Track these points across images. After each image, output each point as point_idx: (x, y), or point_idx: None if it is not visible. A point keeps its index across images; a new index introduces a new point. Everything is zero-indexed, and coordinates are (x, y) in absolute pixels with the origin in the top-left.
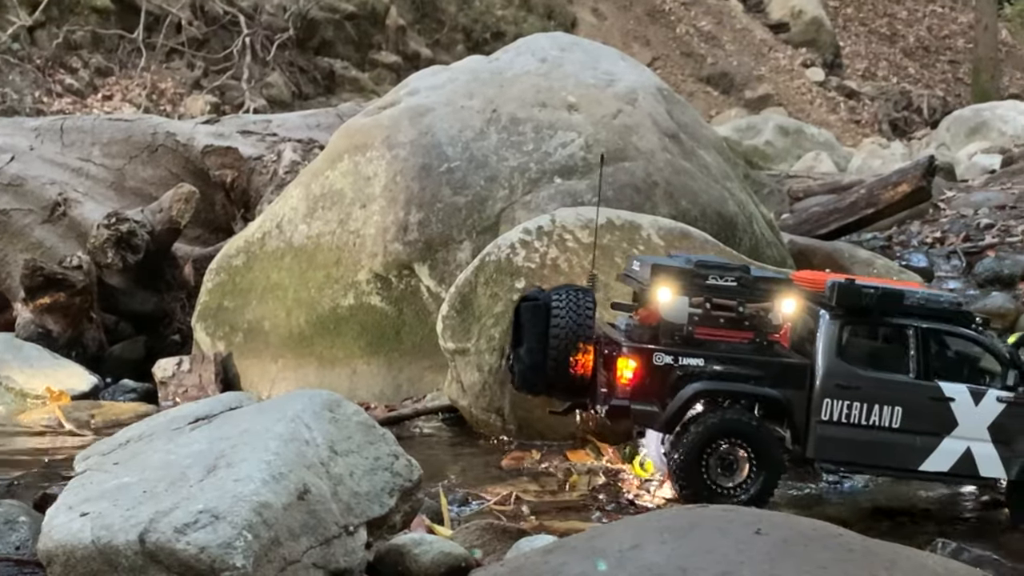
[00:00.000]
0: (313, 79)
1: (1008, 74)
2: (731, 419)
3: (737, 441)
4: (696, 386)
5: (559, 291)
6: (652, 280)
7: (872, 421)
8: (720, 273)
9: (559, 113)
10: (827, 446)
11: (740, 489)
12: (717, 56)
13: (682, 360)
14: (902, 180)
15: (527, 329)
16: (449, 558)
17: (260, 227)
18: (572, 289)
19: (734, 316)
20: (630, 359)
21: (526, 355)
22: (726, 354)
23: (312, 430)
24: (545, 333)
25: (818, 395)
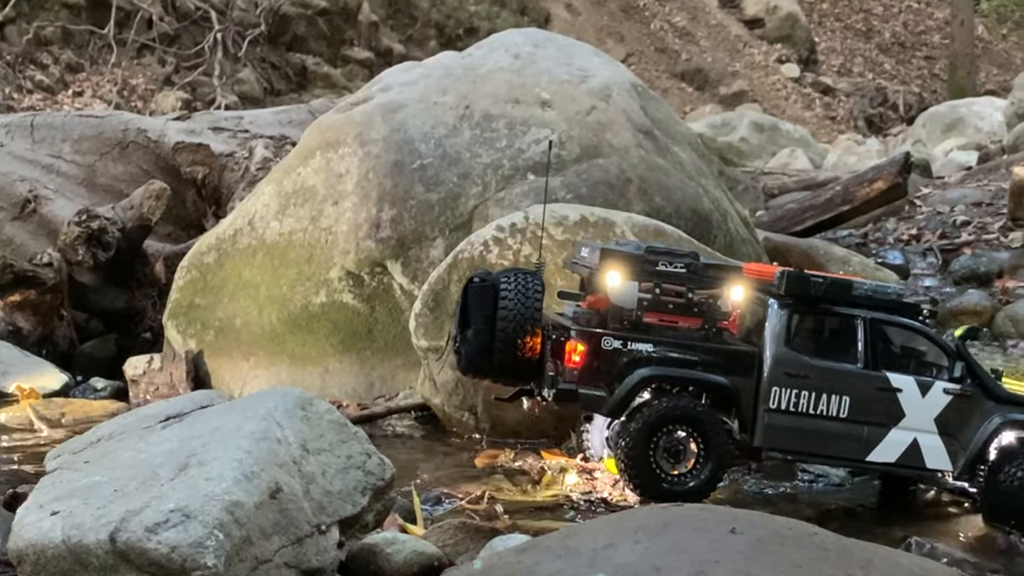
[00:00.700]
0: (285, 75)
1: (984, 70)
2: (679, 406)
3: (685, 428)
4: (644, 371)
5: (507, 274)
6: (601, 265)
7: (820, 410)
8: (669, 259)
9: (532, 109)
10: (775, 435)
11: (687, 477)
12: (692, 52)
13: (631, 345)
14: (878, 177)
15: (474, 311)
16: (422, 557)
17: (232, 224)
18: (520, 272)
19: (683, 302)
20: (578, 343)
21: (473, 336)
22: (675, 340)
23: (284, 428)
24: (493, 315)
25: (766, 383)
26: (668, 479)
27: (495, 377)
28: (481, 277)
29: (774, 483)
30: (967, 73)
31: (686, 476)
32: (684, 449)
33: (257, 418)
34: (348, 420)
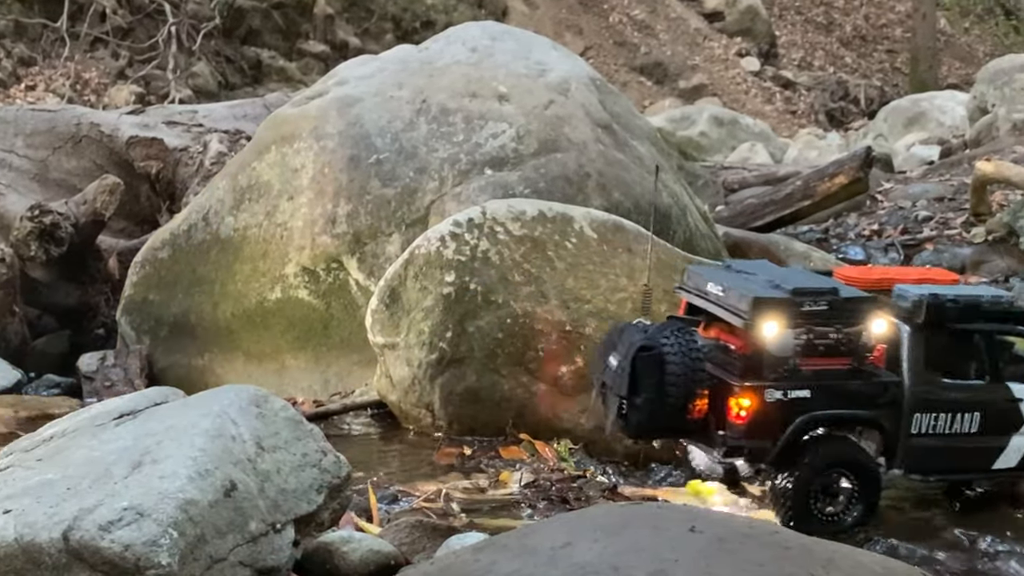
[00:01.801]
0: (240, 69)
1: (946, 64)
2: (841, 448)
3: (841, 471)
4: (804, 419)
5: (666, 334)
6: (755, 315)
7: (955, 429)
8: (813, 298)
9: (490, 103)
10: (915, 459)
11: (844, 515)
12: (651, 45)
13: (790, 394)
14: (839, 171)
15: (643, 379)
16: (378, 556)
17: (186, 219)
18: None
19: (831, 343)
20: (742, 398)
21: (644, 404)
22: (829, 383)
23: (239, 426)
24: (661, 381)
25: (908, 411)
26: (824, 518)
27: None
28: (649, 346)
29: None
30: (929, 67)
31: (842, 515)
32: (839, 488)
33: (211, 415)
34: (303, 417)
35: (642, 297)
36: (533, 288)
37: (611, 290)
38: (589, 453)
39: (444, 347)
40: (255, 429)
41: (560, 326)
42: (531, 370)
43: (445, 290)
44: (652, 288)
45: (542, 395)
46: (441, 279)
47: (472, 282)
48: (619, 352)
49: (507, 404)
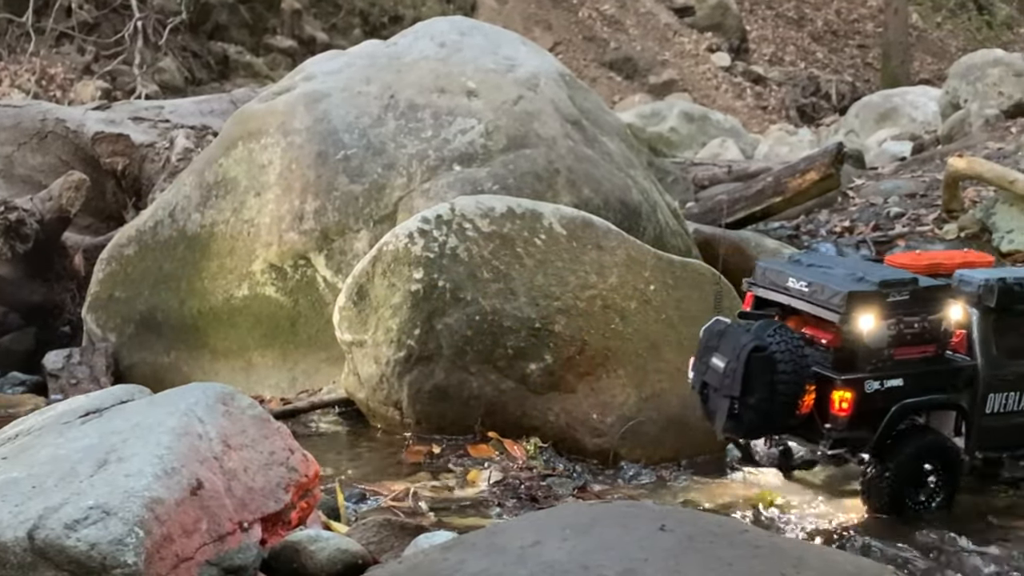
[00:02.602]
0: (206, 64)
1: (919, 59)
2: (930, 435)
3: (931, 460)
4: (898, 407)
5: (770, 333)
6: (851, 309)
7: (1022, 406)
8: (898, 289)
9: (458, 99)
10: (988, 438)
11: (930, 501)
12: (620, 41)
13: (887, 383)
14: (810, 168)
15: (757, 380)
16: (346, 555)
17: (152, 216)
18: (778, 329)
19: (918, 331)
20: (844, 391)
21: (757, 403)
22: (919, 370)
23: (205, 424)
24: (772, 381)
25: (982, 392)
26: (914, 505)
27: (772, 434)
28: (759, 347)
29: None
30: (901, 62)
31: (929, 500)
32: (927, 474)
33: (178, 413)
34: (271, 415)
35: (714, 297)
36: (502, 285)
37: (580, 287)
38: (558, 451)
39: (412, 344)
40: (222, 427)
41: (529, 323)
42: (500, 368)
43: (413, 287)
44: (722, 288)
45: (511, 393)
46: (409, 276)
47: (440, 279)
48: (724, 353)
49: (476, 402)
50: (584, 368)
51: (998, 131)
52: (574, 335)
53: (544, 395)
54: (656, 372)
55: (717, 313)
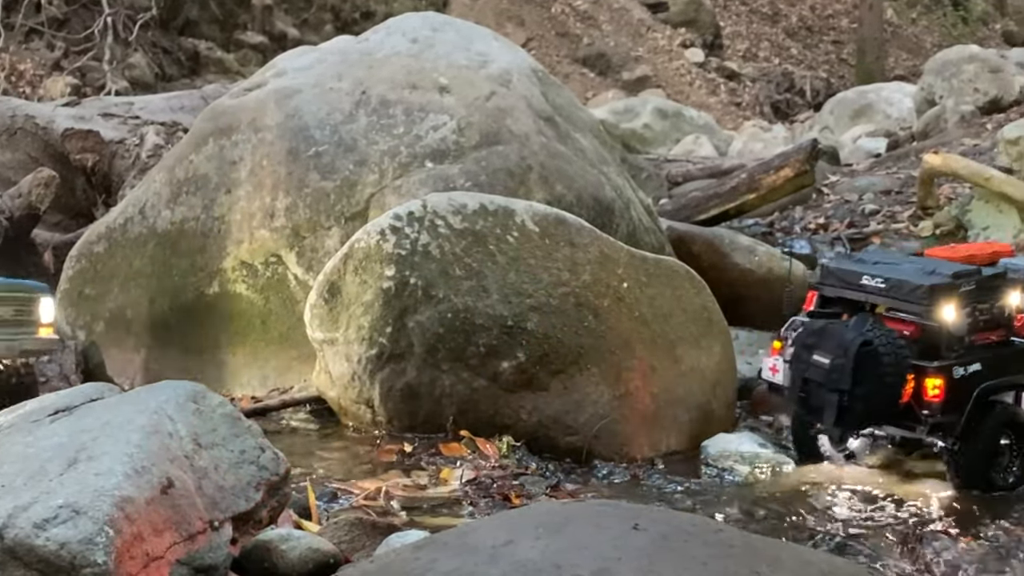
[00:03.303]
0: (177, 60)
1: (893, 55)
2: (1012, 413)
3: (1009, 435)
4: (981, 389)
5: (868, 328)
6: (934, 302)
7: None
8: (967, 280)
9: (430, 95)
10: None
11: (1007, 474)
12: (593, 36)
13: (969, 368)
14: (784, 164)
15: (867, 371)
16: (317, 554)
17: (122, 213)
18: (874, 324)
19: (989, 318)
20: (935, 378)
21: (869, 396)
22: (993, 354)
23: (175, 422)
24: (880, 375)
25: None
26: (997, 481)
27: (877, 425)
28: (866, 342)
29: (678, 479)
30: (876, 58)
31: (1007, 473)
32: (1005, 450)
33: (148, 411)
34: (241, 413)
35: (785, 296)
36: (474, 283)
37: (553, 284)
38: (531, 450)
39: (384, 342)
40: (192, 425)
41: (501, 321)
42: (472, 366)
43: (385, 284)
44: (795, 289)
45: (483, 391)
46: (381, 273)
47: (412, 276)
48: (828, 350)
49: (448, 400)
50: (557, 366)
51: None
52: (547, 333)
53: (516, 393)
54: (629, 370)
55: (793, 313)
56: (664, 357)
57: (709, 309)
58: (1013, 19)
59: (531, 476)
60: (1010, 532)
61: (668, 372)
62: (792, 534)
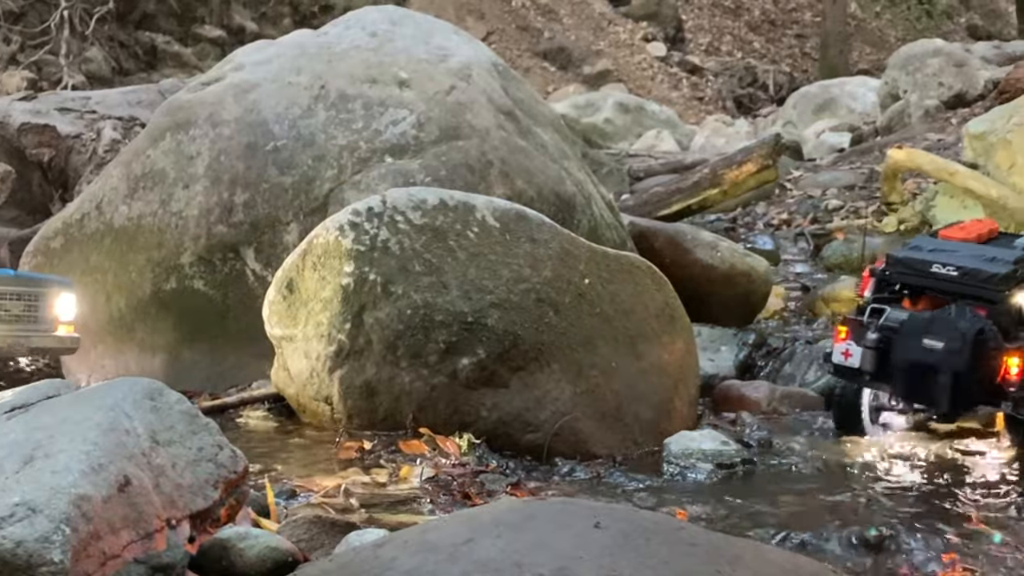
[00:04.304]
0: (134, 54)
1: (857, 49)
2: None
3: None
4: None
5: (968, 315)
6: (1007, 287)
7: None
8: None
9: (390, 89)
10: None
11: None
12: (554, 30)
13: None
14: (747, 159)
15: (981, 358)
16: (276, 553)
17: (79, 208)
18: (970, 310)
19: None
20: (1016, 357)
21: (982, 379)
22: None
23: (133, 419)
24: (990, 358)
25: None
26: None
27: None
28: (981, 329)
29: (640, 477)
30: (839, 52)
31: None
32: None
33: (105, 408)
34: (199, 411)
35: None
36: (434, 278)
37: (514, 280)
38: (492, 447)
39: (343, 339)
40: (149, 423)
41: (461, 317)
42: (431, 363)
43: (344, 281)
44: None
45: (443, 388)
46: (340, 269)
47: (371, 272)
48: (940, 335)
49: (407, 397)
50: (517, 363)
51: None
52: (507, 329)
53: (477, 390)
54: (591, 367)
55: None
56: (626, 354)
57: (671, 305)
58: (978, 13)
59: (492, 474)
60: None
61: (630, 369)
62: (755, 532)
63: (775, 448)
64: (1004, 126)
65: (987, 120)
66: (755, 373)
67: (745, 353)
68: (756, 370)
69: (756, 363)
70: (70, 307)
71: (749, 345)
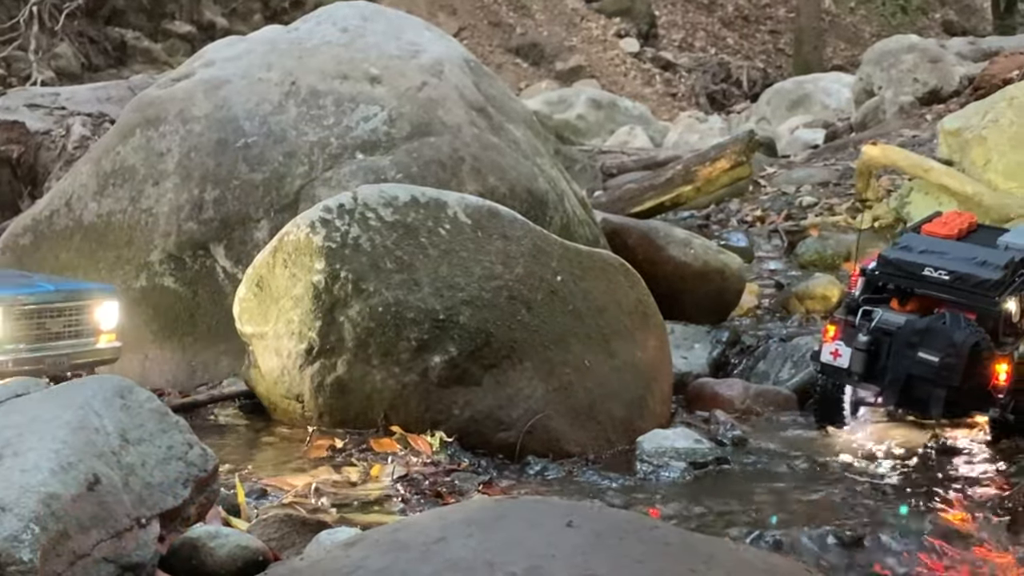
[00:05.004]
0: (104, 50)
1: (831, 44)
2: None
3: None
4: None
5: (963, 325)
6: (998, 293)
7: None
8: (1013, 269)
9: (361, 85)
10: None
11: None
12: (527, 26)
13: (1022, 348)
14: (720, 156)
15: (974, 368)
16: (246, 552)
17: (48, 205)
18: (964, 318)
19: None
20: (1003, 363)
21: (974, 389)
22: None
23: (102, 417)
24: (982, 367)
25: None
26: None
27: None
28: (977, 343)
29: (612, 475)
30: (813, 48)
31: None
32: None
33: (74, 407)
34: (169, 409)
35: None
36: (405, 276)
37: (486, 278)
38: (464, 446)
39: (313, 337)
40: (119, 421)
41: (433, 315)
42: (403, 360)
43: (315, 278)
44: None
45: (414, 386)
46: (311, 267)
47: (343, 270)
48: (936, 349)
49: (379, 395)
50: (489, 361)
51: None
52: (479, 327)
53: (448, 388)
54: (563, 364)
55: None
56: (599, 351)
57: (644, 303)
58: (953, 8)
59: (464, 472)
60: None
61: (603, 367)
62: (729, 531)
63: (749, 446)
64: (979, 122)
65: (962, 116)
66: (729, 371)
67: (719, 351)
68: (730, 368)
69: (730, 361)
70: (112, 315)
71: (723, 343)
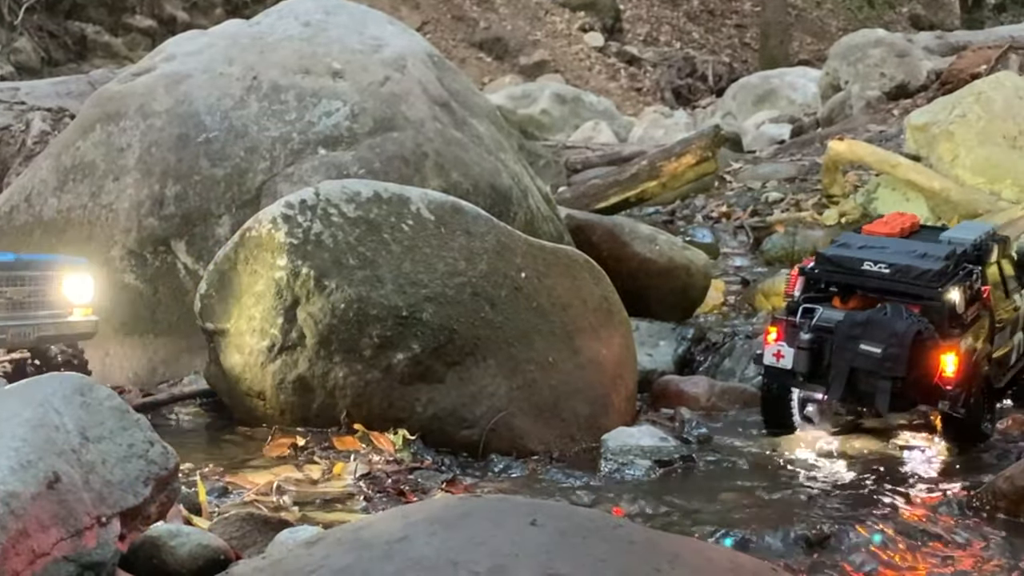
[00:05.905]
0: (63, 44)
1: (798, 39)
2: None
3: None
4: (976, 358)
5: (904, 316)
6: (941, 284)
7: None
8: (952, 259)
9: (323, 80)
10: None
11: (990, 426)
12: (490, 20)
13: (968, 341)
14: (685, 151)
15: (919, 359)
16: (207, 550)
17: (8, 201)
18: (905, 310)
19: (972, 293)
20: (950, 354)
21: (919, 380)
22: (980, 324)
23: (62, 415)
24: (927, 358)
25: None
26: (986, 432)
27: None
28: (920, 332)
29: (577, 473)
30: (779, 42)
31: (990, 425)
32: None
33: (34, 404)
34: (130, 406)
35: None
36: (368, 272)
37: (449, 274)
38: (426, 444)
39: (275, 333)
40: (79, 419)
41: (396, 311)
42: (365, 357)
43: (277, 274)
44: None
45: (377, 383)
46: (272, 263)
47: (305, 266)
48: (878, 340)
49: (341, 393)
50: (452, 358)
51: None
52: (442, 324)
53: (411, 386)
54: (527, 362)
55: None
56: (563, 348)
57: (609, 299)
58: (920, 2)
59: (427, 470)
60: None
61: (567, 364)
62: (694, 530)
63: (714, 444)
64: (947, 117)
65: (929, 111)
66: (694, 368)
67: (684, 348)
68: (695, 365)
69: (695, 358)
70: (85, 288)
71: (688, 340)
